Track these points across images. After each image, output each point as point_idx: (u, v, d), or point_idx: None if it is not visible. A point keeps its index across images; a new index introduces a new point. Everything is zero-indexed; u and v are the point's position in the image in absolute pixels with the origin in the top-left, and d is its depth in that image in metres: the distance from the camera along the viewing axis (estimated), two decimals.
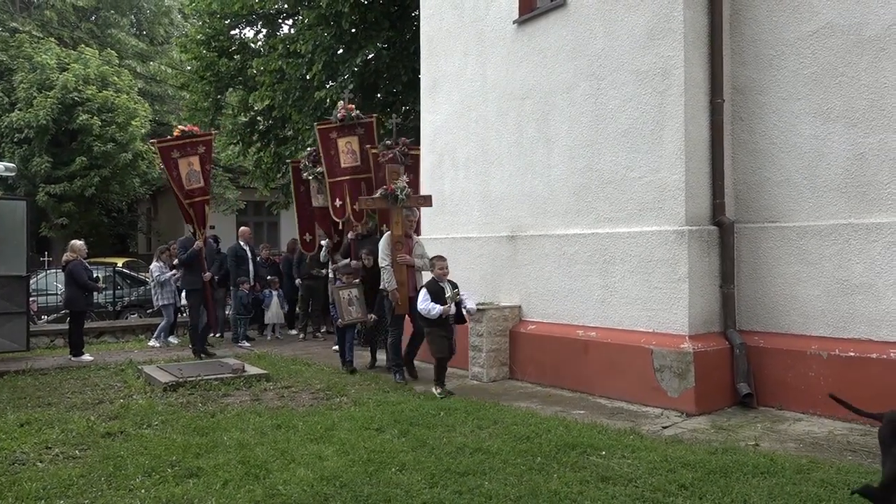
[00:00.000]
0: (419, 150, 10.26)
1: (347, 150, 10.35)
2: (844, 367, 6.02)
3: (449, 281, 7.45)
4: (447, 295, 7.24)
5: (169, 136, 11.03)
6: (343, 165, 10.38)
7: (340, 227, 10.78)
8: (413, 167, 9.99)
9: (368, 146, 10.21)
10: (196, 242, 10.22)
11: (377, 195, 8.49)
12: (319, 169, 10.65)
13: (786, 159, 6.59)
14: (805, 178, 6.44)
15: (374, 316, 8.58)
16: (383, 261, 8.14)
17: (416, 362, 8.51)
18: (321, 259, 11.47)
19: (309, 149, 11.73)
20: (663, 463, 4.74)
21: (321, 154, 10.46)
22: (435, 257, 7.72)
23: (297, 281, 12.73)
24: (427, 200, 8.84)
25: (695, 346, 6.45)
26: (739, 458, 4.82)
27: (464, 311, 7.47)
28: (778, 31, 6.64)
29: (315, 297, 12.47)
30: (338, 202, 10.42)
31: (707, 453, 4.98)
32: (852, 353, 6.00)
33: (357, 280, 8.69)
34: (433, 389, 7.26)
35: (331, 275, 11.08)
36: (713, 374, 6.49)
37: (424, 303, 7.27)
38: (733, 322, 6.80)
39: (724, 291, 6.82)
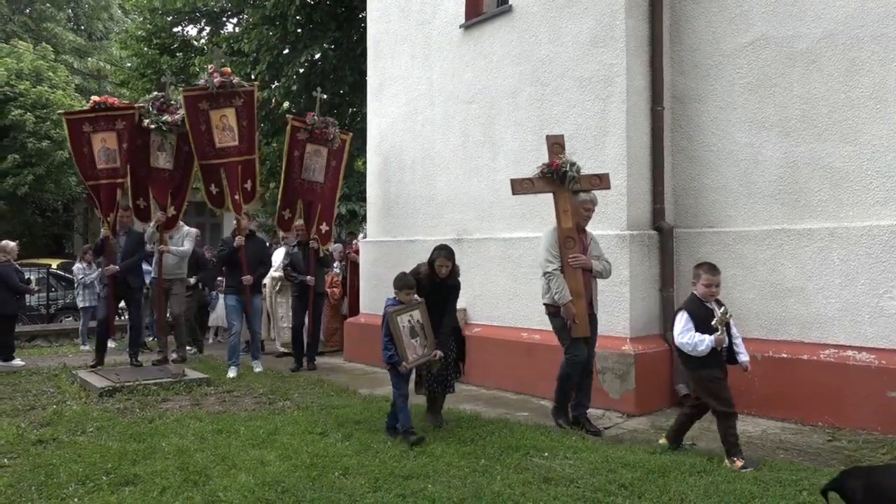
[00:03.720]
0: (348, 135, 9.87)
1: (223, 125, 8.60)
2: (777, 369, 6.22)
3: (717, 300, 5.15)
4: (714, 320, 4.93)
5: (80, 109, 9.33)
6: (218, 145, 8.63)
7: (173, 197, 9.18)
8: (337, 152, 9.50)
9: (296, 123, 8.94)
10: (102, 230, 8.86)
11: (536, 174, 6.13)
12: (166, 117, 8.62)
13: (723, 166, 6.78)
14: (741, 185, 6.64)
15: (439, 352, 5.83)
16: (549, 264, 5.87)
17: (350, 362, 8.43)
18: (147, 239, 9.29)
19: (154, 93, 9.32)
20: (604, 463, 4.82)
21: (189, 128, 8.59)
22: (701, 266, 5.21)
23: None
24: (603, 180, 6.22)
25: (636, 348, 6.58)
26: (677, 458, 4.92)
27: (735, 347, 5.13)
28: (716, 41, 6.83)
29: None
30: (213, 189, 8.88)
31: (646, 453, 5.07)
32: (785, 355, 6.21)
33: (419, 299, 5.84)
34: (728, 463, 4.80)
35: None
36: (653, 375, 6.63)
37: (685, 334, 5.01)
38: (672, 325, 6.93)
39: (663, 295, 6.97)
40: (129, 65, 19.18)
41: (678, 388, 6.73)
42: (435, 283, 5.97)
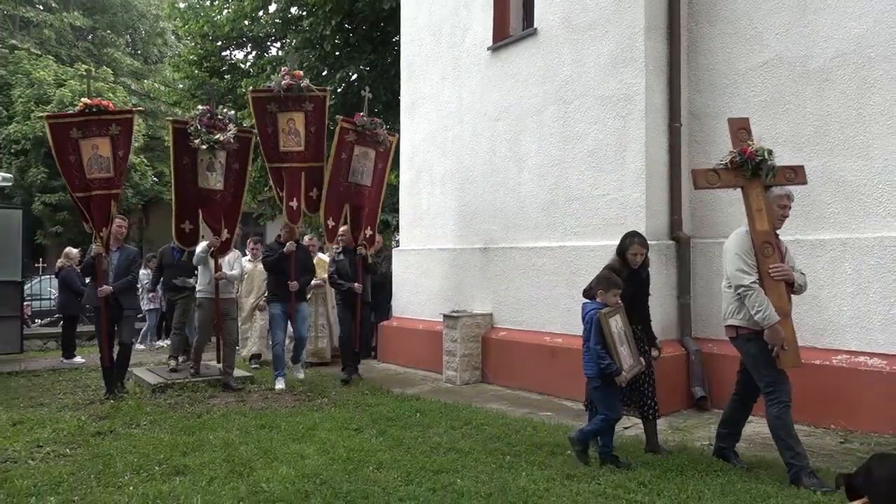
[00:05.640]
0: (394, 136, 9.11)
1: (289, 129, 7.91)
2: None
3: None
4: None
5: (68, 112, 7.79)
6: (282, 148, 7.93)
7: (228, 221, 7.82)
8: (385, 154, 8.71)
9: (345, 125, 8.17)
10: (93, 247, 7.36)
11: (723, 163, 4.74)
12: (218, 136, 7.45)
13: None
14: None
15: (643, 361, 4.97)
16: (745, 276, 4.43)
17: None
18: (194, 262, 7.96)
19: (200, 107, 8.12)
20: None
21: (257, 129, 8.00)
22: None
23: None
24: (799, 174, 4.84)
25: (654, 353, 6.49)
26: (694, 457, 4.86)
27: None
28: (731, 61, 6.76)
29: (177, 313, 8.78)
30: (282, 193, 8.11)
31: (665, 453, 5.00)
32: None
33: (621, 303, 4.86)
34: None
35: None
36: (670, 378, 6.54)
37: None
38: (689, 330, 6.87)
39: (680, 302, 6.89)
40: (181, 86, 19.49)
41: (694, 390, 6.63)
42: (625, 278, 4.94)
